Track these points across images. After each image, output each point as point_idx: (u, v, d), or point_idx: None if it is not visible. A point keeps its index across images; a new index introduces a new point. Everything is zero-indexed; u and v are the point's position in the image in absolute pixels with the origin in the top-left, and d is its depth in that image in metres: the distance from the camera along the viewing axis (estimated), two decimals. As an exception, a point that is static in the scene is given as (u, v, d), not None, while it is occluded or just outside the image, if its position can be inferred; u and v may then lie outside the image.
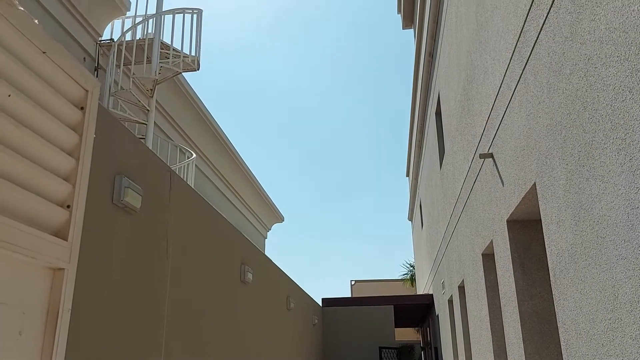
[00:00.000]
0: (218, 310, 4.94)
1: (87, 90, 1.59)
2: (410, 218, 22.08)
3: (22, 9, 1.29)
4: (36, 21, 1.33)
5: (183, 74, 9.09)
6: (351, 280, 27.22)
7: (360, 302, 13.34)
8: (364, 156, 65.09)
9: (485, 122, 5.39)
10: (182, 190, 4.31)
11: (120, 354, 3.01)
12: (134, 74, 8.29)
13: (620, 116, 2.40)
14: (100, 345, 2.74)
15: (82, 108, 1.58)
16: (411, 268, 23.88)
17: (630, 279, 2.39)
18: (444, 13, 8.29)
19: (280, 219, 18.67)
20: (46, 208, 1.38)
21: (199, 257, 4.53)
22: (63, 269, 1.43)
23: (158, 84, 8.43)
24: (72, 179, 1.50)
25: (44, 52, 1.37)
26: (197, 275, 4.45)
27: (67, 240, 1.47)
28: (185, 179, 9.27)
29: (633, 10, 2.23)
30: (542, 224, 3.73)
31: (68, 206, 1.50)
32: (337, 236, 59.74)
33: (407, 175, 21.28)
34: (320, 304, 12.79)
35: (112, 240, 2.95)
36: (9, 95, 1.26)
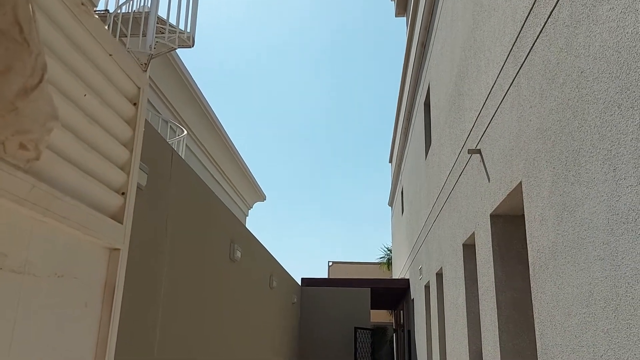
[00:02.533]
0: (209, 286, 5.11)
1: (139, 87, 1.72)
2: (391, 204, 22.40)
3: (97, 17, 1.41)
4: (106, 27, 1.46)
5: (176, 50, 9.10)
6: (329, 261, 27.61)
7: (338, 283, 13.62)
8: (348, 141, 65.30)
9: (475, 118, 5.59)
10: (181, 168, 4.44)
11: (127, 328, 3.17)
12: (128, 48, 8.28)
13: (607, 129, 2.60)
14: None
15: (135, 104, 1.72)
16: (388, 252, 24.31)
17: (606, 278, 2.62)
18: (439, 6, 8.43)
19: (262, 197, 18.82)
20: (108, 195, 1.53)
21: (194, 234, 4.68)
22: (119, 249, 1.59)
23: (153, 58, 8.44)
24: (127, 169, 1.65)
25: (110, 55, 1.50)
26: (192, 252, 4.60)
27: (122, 224, 1.62)
28: (174, 155, 9.33)
29: (627, 32, 2.42)
30: (526, 221, 3.96)
31: (123, 193, 1.66)
32: (317, 217, 60.14)
33: (390, 161, 21.53)
34: (300, 284, 13.04)
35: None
36: (85, 95, 1.39)
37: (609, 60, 2.60)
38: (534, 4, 3.69)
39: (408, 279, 14.23)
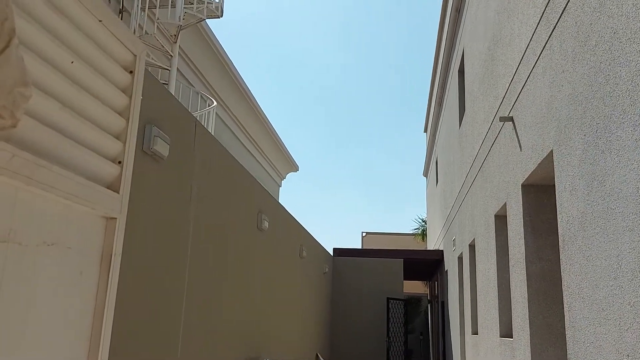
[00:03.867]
0: (236, 255, 5.17)
1: (135, 55, 1.70)
2: (425, 174, 22.14)
3: (82, -18, 1.39)
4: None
5: (206, 20, 9.06)
6: (362, 232, 27.64)
7: (370, 253, 13.63)
8: (384, 110, 64.52)
9: (508, 85, 5.40)
10: (205, 139, 4.45)
11: (151, 293, 3.23)
12: (158, 18, 8.29)
13: (639, 93, 2.45)
14: (135, 286, 2.95)
15: (131, 72, 1.70)
16: (423, 223, 24.13)
17: (634, 250, 2.50)
18: (474, -32, 8.10)
19: (295, 168, 18.86)
20: (102, 164, 1.53)
21: (219, 203, 4.71)
22: (115, 218, 1.60)
23: (182, 29, 8.44)
24: (123, 137, 1.64)
25: (100, 21, 1.47)
26: (217, 221, 4.64)
27: (118, 193, 1.62)
28: (205, 126, 9.40)
29: (663, -12, 2.24)
30: (556, 191, 3.82)
31: (119, 162, 1.65)
32: (351, 187, 60.12)
33: (425, 130, 21.19)
34: (332, 254, 13.10)
35: (142, 186, 3.11)
36: (72, 62, 1.38)
37: (643, 19, 2.43)
38: (567, -39, 3.48)
39: (442, 250, 14.12)
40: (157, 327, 3.39)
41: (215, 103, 8.93)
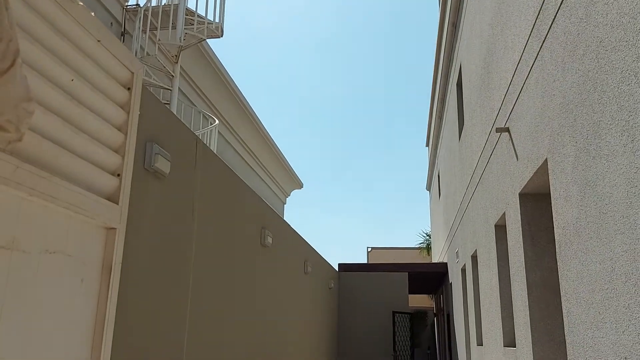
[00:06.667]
0: (239, 271, 5.22)
1: (132, 72, 1.78)
2: (428, 188, 22.19)
3: (81, 4, 1.47)
4: (92, 14, 1.51)
5: (207, 40, 9.22)
6: (367, 247, 27.61)
7: (375, 268, 13.63)
8: (385, 125, 64.84)
9: (503, 96, 5.48)
10: (207, 157, 4.52)
11: (154, 305, 3.27)
12: (159, 39, 8.45)
13: (625, 99, 2.52)
14: (138, 297, 3.00)
15: (129, 88, 1.78)
16: (427, 237, 24.11)
17: (626, 252, 2.55)
18: (468, -17, 8.24)
19: (299, 185, 18.93)
20: (102, 177, 1.60)
21: (222, 220, 4.77)
22: (115, 228, 1.67)
23: (182, 50, 8.59)
24: (122, 151, 1.71)
25: (98, 41, 1.56)
26: (220, 237, 4.70)
27: (117, 204, 1.69)
28: (208, 145, 9.51)
29: (642, -2, 2.32)
30: (551, 198, 3.88)
31: (118, 175, 1.73)
32: (356, 202, 60.15)
33: (427, 145, 21.29)
34: (337, 269, 13.11)
35: (145, 203, 3.18)
36: (72, 80, 1.46)
37: (625, 28, 2.50)
38: (554, -26, 3.58)
39: (446, 263, 14.11)
40: (160, 336, 3.43)
41: (217, 122, 9.04)
